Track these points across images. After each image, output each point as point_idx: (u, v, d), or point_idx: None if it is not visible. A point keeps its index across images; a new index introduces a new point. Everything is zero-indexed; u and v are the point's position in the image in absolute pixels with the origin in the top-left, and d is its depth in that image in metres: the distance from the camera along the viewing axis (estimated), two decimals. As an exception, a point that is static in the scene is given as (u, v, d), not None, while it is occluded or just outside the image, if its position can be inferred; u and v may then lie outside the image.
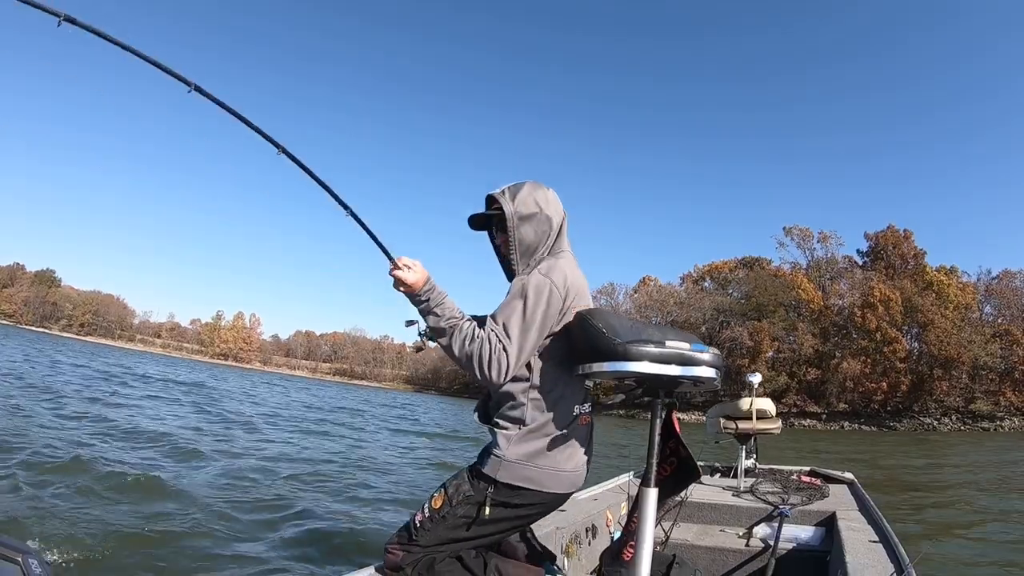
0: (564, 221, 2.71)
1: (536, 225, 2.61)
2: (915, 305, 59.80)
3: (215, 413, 19.90)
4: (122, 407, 16.87)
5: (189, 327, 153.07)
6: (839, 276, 71.72)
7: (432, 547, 2.50)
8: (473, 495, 2.47)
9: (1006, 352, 57.07)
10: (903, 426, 55.53)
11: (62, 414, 13.71)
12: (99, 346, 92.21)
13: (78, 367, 29.39)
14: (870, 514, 4.62)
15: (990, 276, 66.71)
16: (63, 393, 17.72)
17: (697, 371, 2.20)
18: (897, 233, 72.59)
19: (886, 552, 3.51)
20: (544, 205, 2.63)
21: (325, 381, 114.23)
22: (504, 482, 2.44)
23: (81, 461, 8.91)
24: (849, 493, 5.58)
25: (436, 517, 2.49)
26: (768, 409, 5.99)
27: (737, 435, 6.03)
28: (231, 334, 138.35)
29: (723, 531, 4.87)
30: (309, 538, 6.90)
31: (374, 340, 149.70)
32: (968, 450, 28.96)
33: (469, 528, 2.48)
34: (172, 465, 9.97)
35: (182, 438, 12.72)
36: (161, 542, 6.19)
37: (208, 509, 7.49)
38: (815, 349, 63.40)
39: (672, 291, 79.87)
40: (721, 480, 6.26)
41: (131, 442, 11.52)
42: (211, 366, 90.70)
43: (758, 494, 5.34)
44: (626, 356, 2.20)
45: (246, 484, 9.22)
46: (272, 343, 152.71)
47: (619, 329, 2.26)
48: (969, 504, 12.09)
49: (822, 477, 6.09)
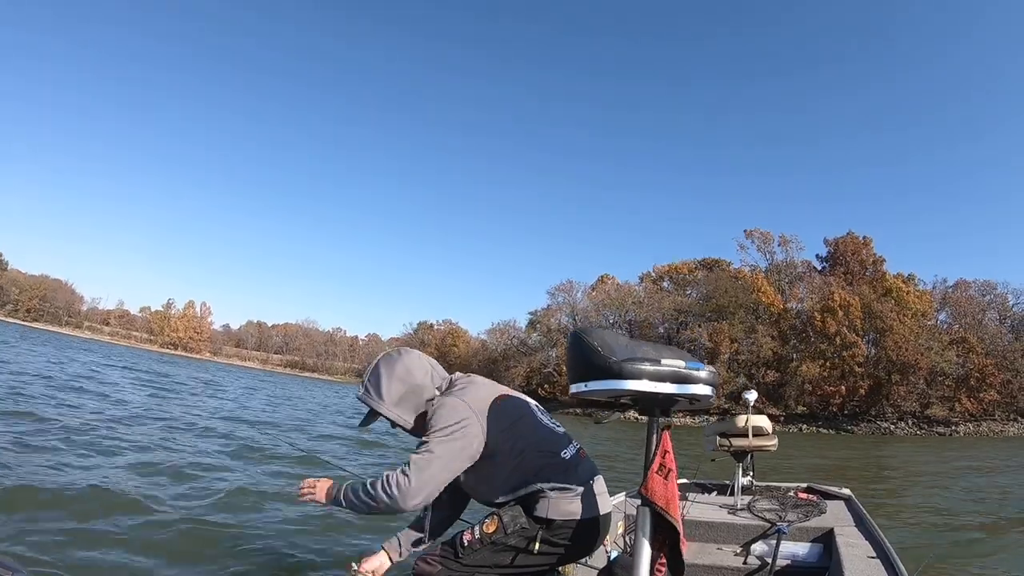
0: (432, 370, 2.92)
1: (412, 399, 2.83)
2: (874, 311, 60.58)
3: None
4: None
5: (139, 315, 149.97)
6: (798, 280, 72.21)
7: (473, 568, 2.69)
8: (528, 529, 2.68)
9: (962, 359, 58.00)
10: (860, 429, 56.54)
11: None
12: (47, 333, 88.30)
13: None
14: (868, 530, 4.65)
15: (946, 285, 68.20)
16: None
17: (693, 389, 2.22)
18: (856, 239, 74.19)
19: (884, 568, 3.55)
20: (408, 377, 2.83)
21: (276, 372, 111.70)
22: (555, 519, 2.68)
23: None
24: (846, 509, 5.55)
25: (487, 541, 2.68)
26: (764, 426, 6.08)
27: (733, 452, 6.11)
28: (181, 323, 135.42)
29: (720, 549, 4.87)
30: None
31: (326, 332, 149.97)
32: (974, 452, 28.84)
33: (515, 558, 2.69)
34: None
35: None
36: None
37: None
38: (774, 352, 63.86)
39: (631, 290, 79.33)
40: (718, 498, 6.24)
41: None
42: (159, 355, 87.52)
43: (755, 511, 5.28)
44: (621, 374, 2.20)
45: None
46: (223, 333, 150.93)
47: (614, 347, 2.28)
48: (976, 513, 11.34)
49: (819, 493, 6.13)
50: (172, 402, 18.55)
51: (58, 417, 10.81)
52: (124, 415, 12.94)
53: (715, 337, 64.17)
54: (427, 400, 2.83)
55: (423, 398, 2.83)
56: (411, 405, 2.82)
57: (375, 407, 2.81)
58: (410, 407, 2.82)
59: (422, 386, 2.83)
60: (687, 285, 78.22)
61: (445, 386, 2.90)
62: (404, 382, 2.81)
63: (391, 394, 2.80)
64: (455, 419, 2.66)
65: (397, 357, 2.89)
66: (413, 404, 2.82)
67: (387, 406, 2.80)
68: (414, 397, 2.82)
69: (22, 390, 14.04)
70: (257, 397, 29.94)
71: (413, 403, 2.82)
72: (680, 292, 77.10)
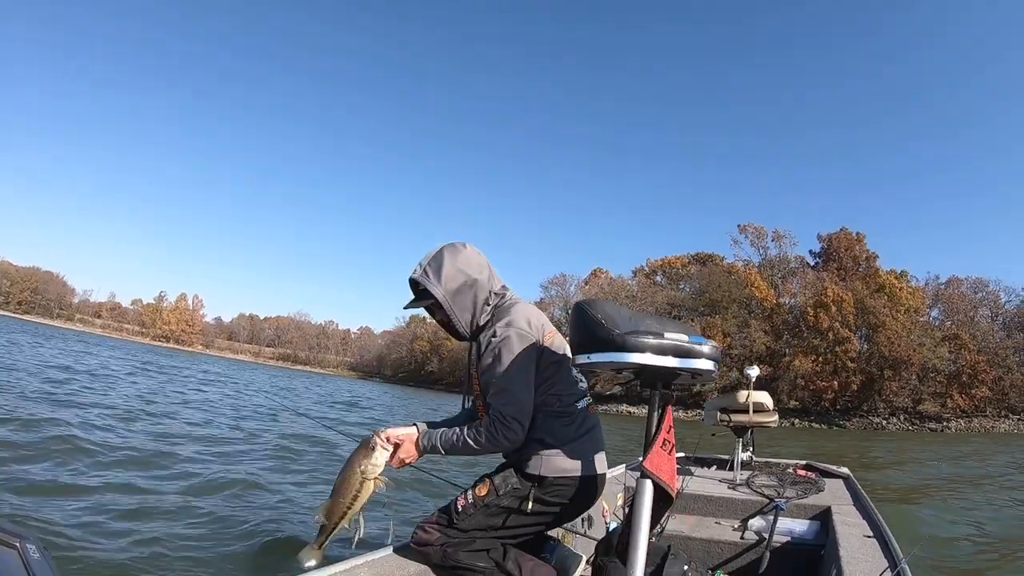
0: (490, 270, 2.86)
1: (469, 293, 2.77)
2: (867, 307, 60.75)
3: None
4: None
5: (131, 308, 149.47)
6: (791, 275, 72.41)
7: (469, 532, 2.67)
8: (520, 488, 2.66)
9: (954, 355, 58.23)
10: (853, 424, 56.77)
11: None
12: (39, 326, 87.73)
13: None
14: (865, 509, 4.65)
15: (938, 282, 68.39)
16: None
17: (695, 363, 2.22)
18: (850, 235, 74.43)
19: (880, 547, 3.56)
20: (468, 270, 2.77)
21: (268, 366, 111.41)
22: (547, 475, 2.65)
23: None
24: (844, 488, 5.58)
25: (480, 504, 2.67)
26: (765, 402, 6.12)
27: (734, 428, 6.14)
28: (173, 316, 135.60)
29: (718, 523, 4.88)
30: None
31: (318, 325, 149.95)
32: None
33: (508, 519, 2.68)
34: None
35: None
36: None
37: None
38: (767, 346, 63.95)
39: (624, 284, 79.43)
40: (717, 472, 6.22)
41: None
42: (150, 348, 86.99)
43: (754, 487, 5.32)
44: (624, 347, 2.19)
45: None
46: (215, 326, 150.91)
47: (618, 320, 2.26)
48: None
49: (818, 471, 6.13)
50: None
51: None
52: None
53: (708, 331, 63.03)
54: (483, 300, 2.79)
55: (480, 297, 2.79)
56: (468, 299, 2.77)
57: (431, 289, 2.73)
58: (467, 301, 2.77)
59: (481, 283, 2.78)
60: (680, 279, 78.47)
61: (498, 293, 2.85)
62: (465, 273, 2.76)
63: (451, 282, 2.74)
64: (525, 344, 2.65)
65: (462, 248, 2.82)
66: (470, 298, 2.77)
67: (444, 293, 2.73)
68: (471, 292, 2.77)
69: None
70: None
71: (470, 298, 2.77)
72: (673, 286, 77.37)
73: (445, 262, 2.75)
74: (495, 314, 2.79)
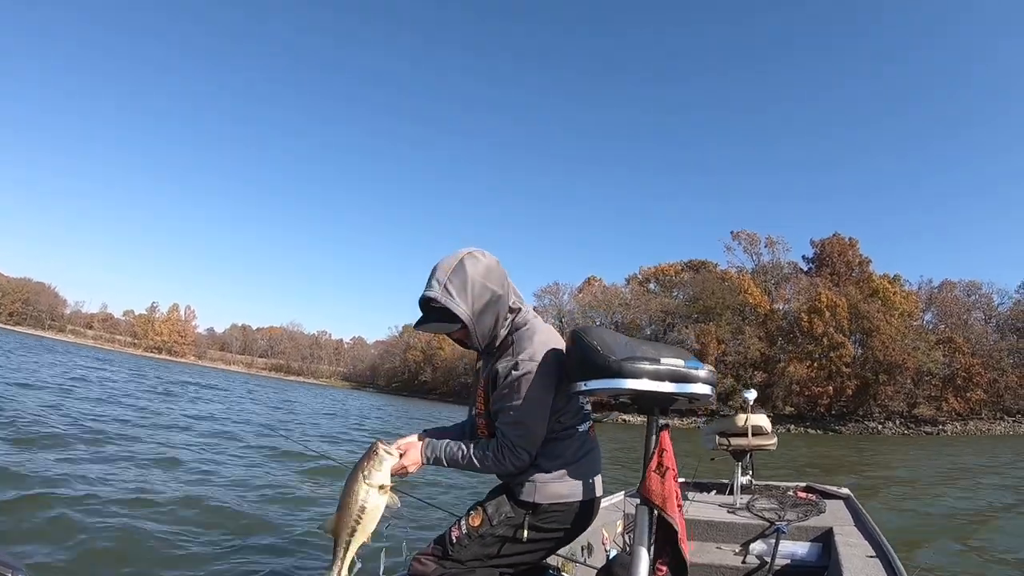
0: (508, 280, 2.64)
1: (493, 310, 2.55)
2: (861, 311, 60.93)
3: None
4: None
5: (122, 319, 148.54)
6: (785, 281, 72.47)
7: (466, 563, 2.56)
8: (514, 517, 2.56)
9: (949, 359, 58.38)
10: (848, 429, 56.91)
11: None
12: (29, 337, 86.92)
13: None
14: (867, 529, 4.66)
15: (931, 285, 68.79)
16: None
17: (692, 388, 2.22)
18: (843, 241, 74.73)
19: (883, 567, 3.55)
20: (493, 285, 2.54)
21: (261, 376, 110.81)
22: (542, 503, 2.55)
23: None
24: (845, 508, 5.57)
25: (474, 535, 2.56)
26: (764, 425, 6.11)
27: (733, 451, 6.15)
28: (165, 327, 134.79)
29: (719, 548, 4.86)
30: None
31: (311, 335, 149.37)
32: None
33: (503, 547, 2.58)
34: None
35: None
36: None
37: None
38: (761, 352, 64.11)
39: (617, 292, 79.60)
40: (717, 497, 6.24)
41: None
42: (143, 359, 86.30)
43: (754, 510, 5.29)
44: (620, 373, 2.20)
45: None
46: (207, 336, 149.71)
47: (614, 346, 2.28)
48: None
49: (818, 492, 6.13)
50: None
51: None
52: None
53: (702, 338, 64.15)
54: (503, 315, 2.59)
55: (502, 313, 2.58)
56: (491, 316, 2.54)
57: (456, 310, 2.45)
58: (490, 319, 2.54)
59: (504, 298, 2.57)
60: (674, 287, 78.48)
61: (514, 308, 2.64)
62: (491, 290, 2.52)
63: (479, 300, 2.49)
64: (546, 380, 2.48)
65: (482, 257, 2.55)
66: (493, 315, 2.54)
67: (471, 314, 2.48)
68: (495, 308, 2.54)
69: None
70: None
71: (493, 314, 2.54)
72: (667, 294, 77.35)
73: (469, 276, 2.48)
74: (514, 335, 2.60)
